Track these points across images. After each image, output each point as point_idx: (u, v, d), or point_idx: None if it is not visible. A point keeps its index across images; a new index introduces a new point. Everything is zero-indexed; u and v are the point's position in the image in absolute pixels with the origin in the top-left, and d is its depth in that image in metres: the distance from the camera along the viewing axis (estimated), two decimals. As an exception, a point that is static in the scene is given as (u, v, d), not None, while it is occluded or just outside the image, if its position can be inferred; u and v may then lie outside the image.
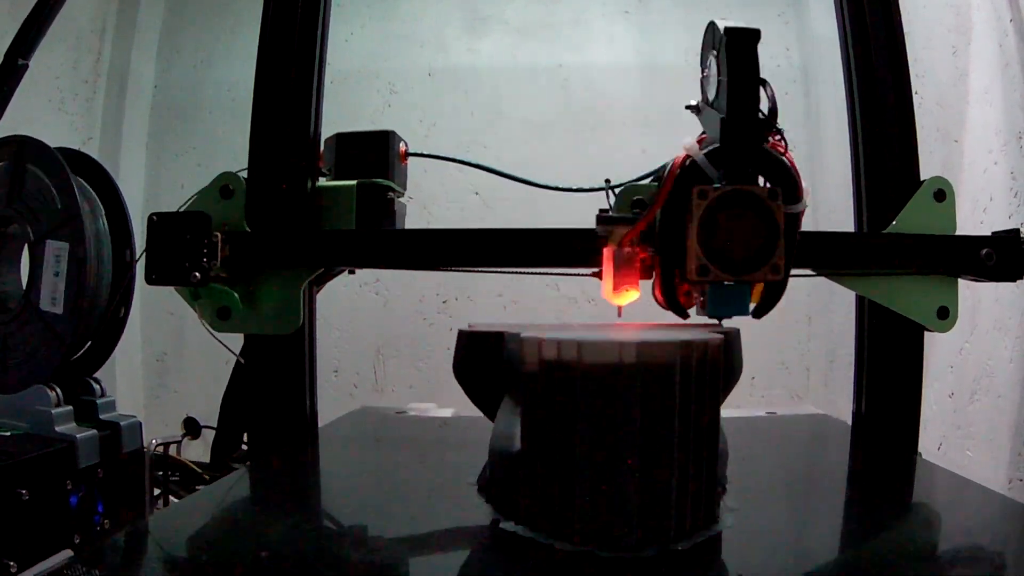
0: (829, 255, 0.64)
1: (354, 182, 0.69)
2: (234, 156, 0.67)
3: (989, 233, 0.65)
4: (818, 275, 0.65)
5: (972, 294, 0.97)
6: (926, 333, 0.66)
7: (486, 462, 0.48)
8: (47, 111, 1.49)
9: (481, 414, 0.51)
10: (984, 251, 0.63)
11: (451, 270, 0.67)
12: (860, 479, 0.61)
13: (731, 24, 0.47)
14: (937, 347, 1.05)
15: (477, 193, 1.67)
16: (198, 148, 1.75)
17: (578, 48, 1.69)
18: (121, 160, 1.67)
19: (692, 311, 0.54)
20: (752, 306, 0.52)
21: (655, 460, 0.38)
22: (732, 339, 0.49)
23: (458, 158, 0.84)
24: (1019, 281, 0.82)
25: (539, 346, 0.40)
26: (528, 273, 0.67)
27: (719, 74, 0.49)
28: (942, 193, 0.65)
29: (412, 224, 0.76)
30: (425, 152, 0.82)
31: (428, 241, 0.65)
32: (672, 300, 0.52)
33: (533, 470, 0.40)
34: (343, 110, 0.78)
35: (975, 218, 0.99)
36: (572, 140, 1.63)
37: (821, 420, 0.86)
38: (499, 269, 0.70)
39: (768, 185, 0.48)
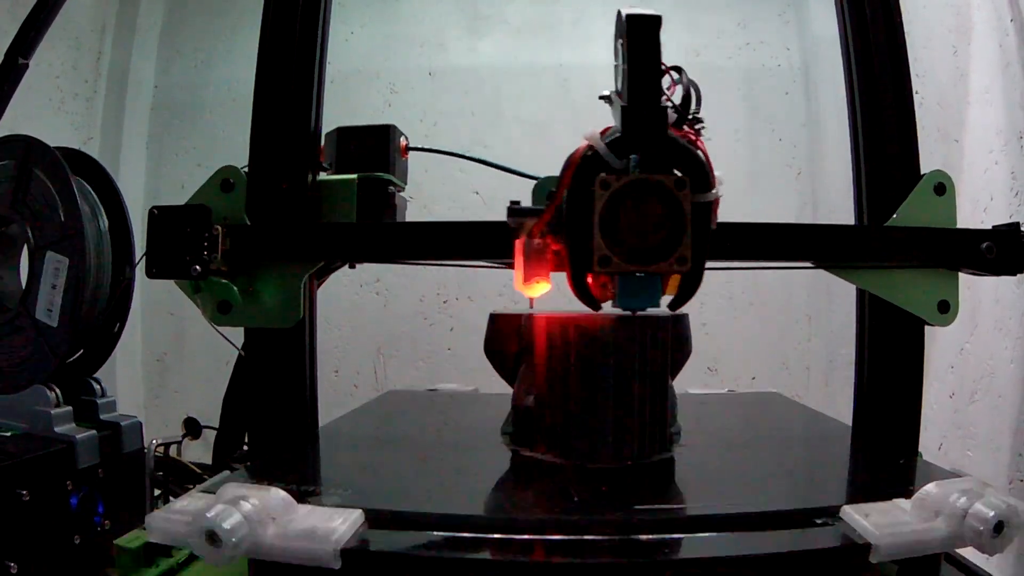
0: (829, 248, 0.64)
1: (355, 176, 0.69)
2: (234, 156, 0.67)
3: (990, 233, 0.65)
4: (817, 268, 0.65)
5: (972, 295, 0.97)
6: (927, 334, 0.66)
7: (508, 414, 0.64)
8: (47, 111, 1.49)
9: (497, 391, 0.67)
10: (985, 244, 0.63)
11: (452, 265, 0.67)
12: (859, 479, 0.61)
13: (632, 11, 0.46)
14: (938, 347, 1.05)
15: (477, 193, 1.67)
16: (198, 148, 1.75)
17: (578, 48, 1.69)
18: (121, 160, 1.67)
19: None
20: (670, 299, 0.52)
21: (624, 396, 0.55)
22: (681, 320, 0.63)
23: (458, 152, 0.84)
24: (1019, 281, 0.82)
25: (545, 322, 0.58)
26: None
27: (623, 62, 0.48)
28: (942, 187, 0.65)
29: (412, 224, 0.76)
30: (426, 153, 0.82)
31: (428, 234, 0.65)
32: (583, 291, 0.51)
33: (542, 411, 0.58)
34: (343, 110, 0.78)
35: (976, 218, 0.99)
36: (572, 140, 1.62)
37: (773, 397, 0.99)
38: (499, 263, 0.70)
39: (679, 174, 0.47)
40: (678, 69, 0.50)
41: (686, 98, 0.49)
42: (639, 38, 0.45)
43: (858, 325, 0.69)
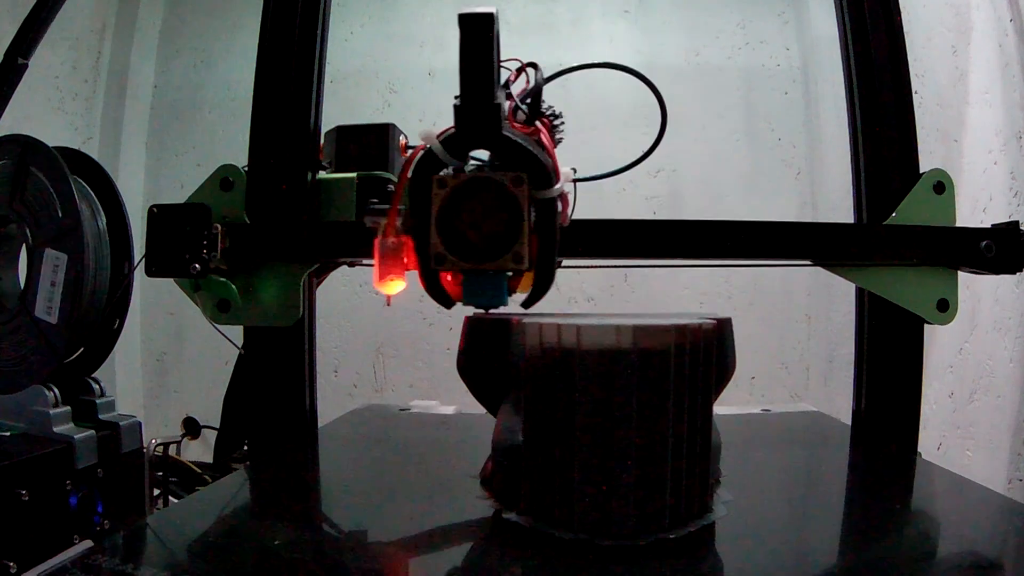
0: (828, 246, 0.64)
1: (354, 174, 0.69)
2: (234, 155, 0.67)
3: (989, 233, 0.65)
4: (816, 266, 0.65)
5: (972, 294, 0.97)
6: (926, 334, 0.66)
7: (488, 456, 0.50)
8: (47, 111, 1.49)
9: (482, 412, 0.52)
10: (984, 243, 0.63)
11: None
12: (859, 477, 0.61)
13: (465, 9, 0.46)
14: (937, 347, 1.05)
15: (477, 193, 1.67)
16: (198, 148, 1.75)
17: (578, 48, 1.69)
18: (121, 160, 1.67)
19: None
20: (524, 296, 0.52)
21: (651, 447, 0.39)
22: (724, 327, 0.48)
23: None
24: (1019, 282, 0.82)
25: (539, 330, 0.41)
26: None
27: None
28: (941, 185, 0.65)
29: (412, 224, 0.76)
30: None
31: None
32: (435, 288, 0.51)
33: (533, 460, 0.42)
34: (343, 110, 0.78)
35: (975, 218, 0.99)
36: (572, 140, 1.62)
37: (817, 417, 0.86)
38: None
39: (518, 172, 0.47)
40: (534, 65, 0.50)
41: (535, 92, 0.49)
42: (470, 36, 0.45)
43: (857, 324, 0.69)
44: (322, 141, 0.72)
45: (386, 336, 1.71)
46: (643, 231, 0.65)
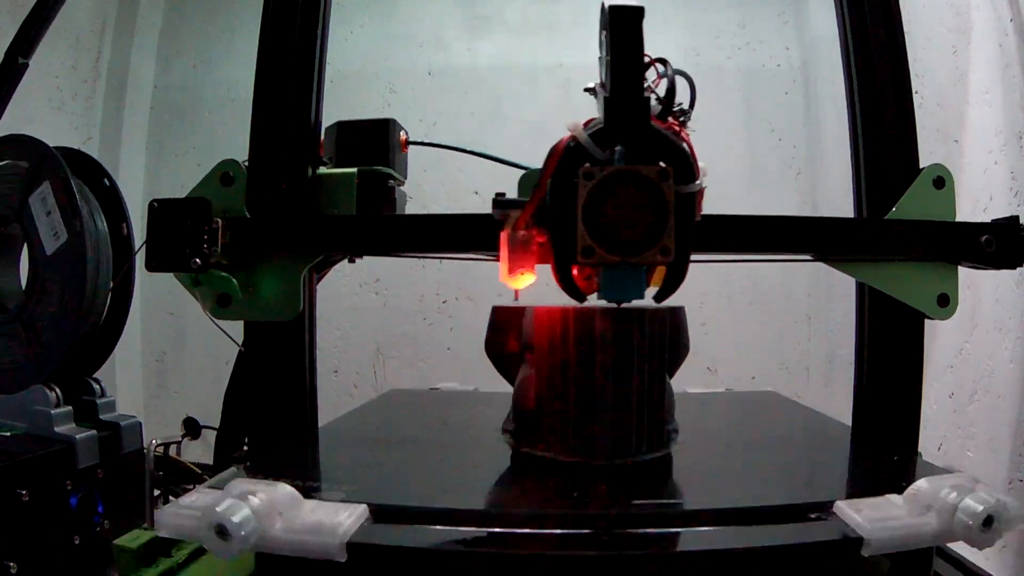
0: (828, 240, 0.64)
1: (354, 169, 0.69)
2: (233, 155, 0.67)
3: (989, 233, 0.65)
4: (817, 261, 0.65)
5: (972, 294, 0.97)
6: (926, 334, 0.66)
7: (508, 412, 0.63)
8: (47, 111, 1.49)
9: (497, 390, 0.66)
10: (984, 238, 0.63)
11: (451, 258, 0.67)
12: (859, 477, 0.61)
13: (616, 2, 0.46)
14: (937, 347, 1.05)
15: (477, 193, 1.67)
16: (198, 148, 1.75)
17: (578, 48, 1.69)
18: (121, 160, 1.67)
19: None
20: (655, 290, 0.52)
21: (622, 392, 0.54)
22: (678, 313, 0.62)
23: (458, 147, 0.85)
24: (1019, 282, 0.82)
25: (547, 314, 0.57)
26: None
27: (606, 54, 0.48)
28: (941, 180, 0.65)
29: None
30: (425, 153, 0.82)
31: (428, 226, 0.65)
32: (568, 283, 0.51)
33: (541, 408, 0.57)
34: (342, 110, 0.78)
35: (975, 218, 0.98)
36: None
37: (770, 396, 0.98)
38: (498, 257, 0.70)
39: (663, 165, 0.47)
40: (663, 61, 0.50)
41: (670, 90, 0.49)
42: (622, 30, 0.45)
43: (857, 321, 0.69)
44: (322, 137, 0.72)
45: (386, 336, 1.71)
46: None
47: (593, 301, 0.55)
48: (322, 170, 0.70)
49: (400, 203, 0.75)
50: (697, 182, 0.48)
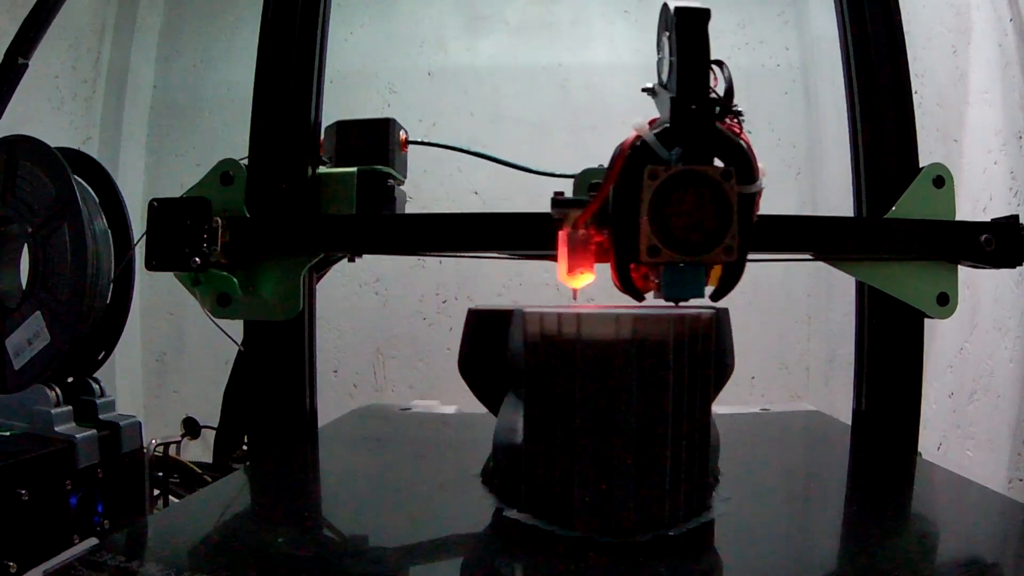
0: (829, 240, 0.64)
1: (354, 169, 0.69)
2: (233, 156, 0.67)
3: (988, 232, 0.65)
4: (817, 260, 0.65)
5: (972, 294, 0.97)
6: (926, 334, 0.66)
7: (489, 455, 0.50)
8: (47, 111, 1.49)
9: (482, 412, 0.53)
10: (983, 237, 0.63)
11: (451, 256, 0.67)
12: (859, 477, 0.61)
13: (681, 4, 0.46)
14: (937, 347, 1.05)
15: (477, 193, 1.67)
16: (198, 148, 1.75)
17: (578, 48, 1.69)
18: (121, 160, 1.67)
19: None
20: (711, 289, 0.52)
21: (650, 444, 0.40)
22: (722, 318, 0.49)
23: (457, 146, 0.85)
24: (1019, 282, 0.82)
25: (540, 319, 0.42)
26: (528, 258, 0.67)
27: (671, 55, 0.49)
28: (941, 180, 0.65)
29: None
30: (425, 153, 0.82)
31: (427, 225, 0.65)
32: (627, 282, 0.51)
33: (533, 457, 0.42)
34: (342, 110, 0.78)
35: (975, 217, 0.98)
36: (572, 140, 1.63)
37: (815, 416, 0.85)
38: (498, 255, 0.70)
39: (723, 165, 0.48)
40: (720, 63, 0.51)
41: (728, 90, 0.49)
42: (688, 32, 0.46)
43: (857, 323, 0.69)
44: (322, 136, 0.72)
45: (386, 336, 1.71)
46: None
47: (591, 301, 0.53)
48: (322, 169, 0.70)
49: (400, 202, 0.75)
50: (758, 182, 0.48)
